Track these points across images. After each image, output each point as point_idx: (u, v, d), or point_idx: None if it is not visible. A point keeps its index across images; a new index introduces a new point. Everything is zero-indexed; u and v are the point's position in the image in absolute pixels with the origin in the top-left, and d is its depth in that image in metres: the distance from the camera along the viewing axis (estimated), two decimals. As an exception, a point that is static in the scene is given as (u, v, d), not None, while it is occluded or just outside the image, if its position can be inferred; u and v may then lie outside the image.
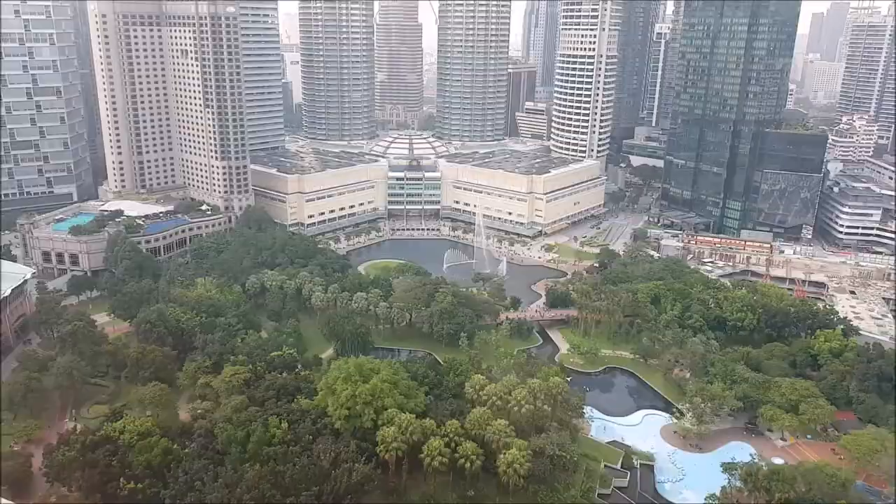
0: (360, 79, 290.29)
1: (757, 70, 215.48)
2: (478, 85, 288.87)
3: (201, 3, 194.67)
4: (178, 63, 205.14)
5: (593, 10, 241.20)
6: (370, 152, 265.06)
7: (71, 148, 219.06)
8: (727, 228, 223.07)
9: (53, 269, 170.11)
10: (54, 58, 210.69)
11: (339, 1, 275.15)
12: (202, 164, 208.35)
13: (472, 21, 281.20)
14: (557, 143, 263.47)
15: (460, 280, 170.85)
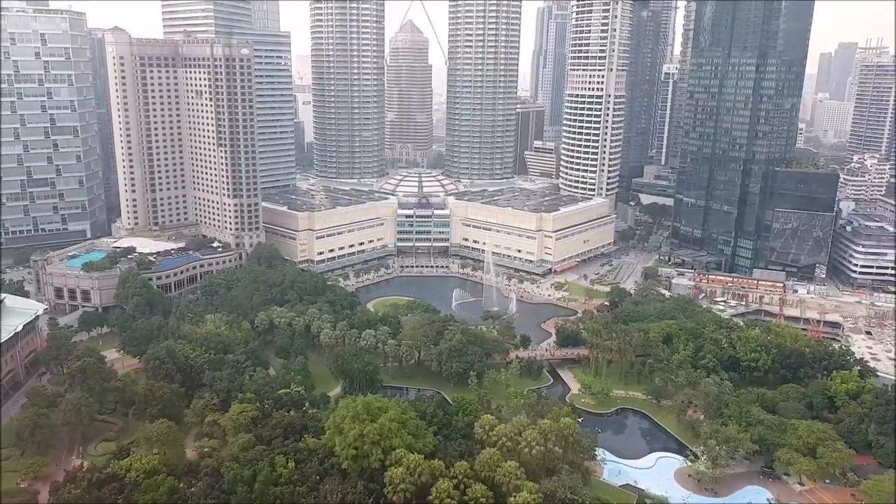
0: (371, 118, 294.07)
1: (766, 109, 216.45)
2: (487, 124, 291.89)
3: (217, 45, 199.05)
4: (192, 103, 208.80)
5: (601, 51, 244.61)
6: (380, 190, 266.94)
7: (86, 185, 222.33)
8: (739, 267, 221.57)
9: (65, 305, 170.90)
10: (72, 98, 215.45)
11: (350, 44, 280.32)
12: (214, 201, 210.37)
13: (480, 62, 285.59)
14: (566, 181, 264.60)
15: (469, 318, 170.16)
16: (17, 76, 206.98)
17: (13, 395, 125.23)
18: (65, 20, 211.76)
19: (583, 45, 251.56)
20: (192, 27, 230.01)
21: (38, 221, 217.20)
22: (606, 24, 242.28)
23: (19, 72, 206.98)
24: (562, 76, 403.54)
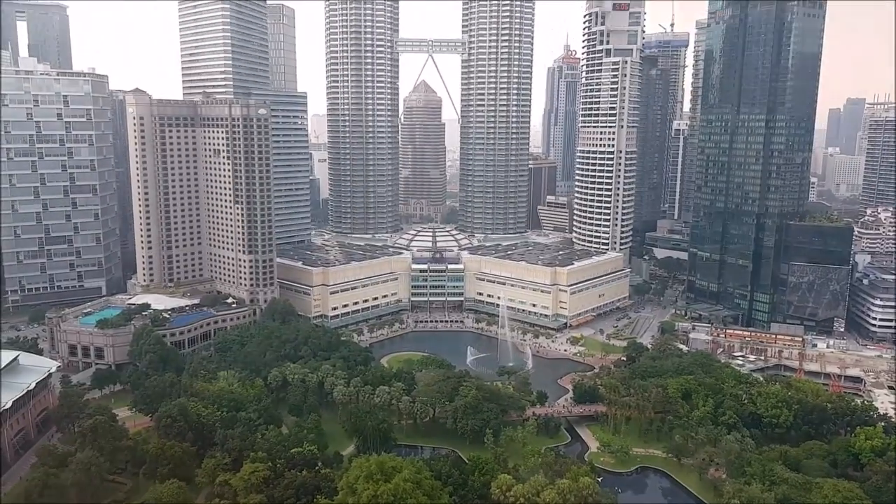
0: (385, 175, 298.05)
1: (777, 164, 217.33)
2: (500, 180, 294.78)
3: (235, 106, 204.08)
4: (210, 162, 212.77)
5: (611, 109, 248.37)
6: (394, 245, 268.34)
7: (103, 243, 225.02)
8: (756, 321, 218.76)
9: (79, 363, 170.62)
10: (92, 157, 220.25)
11: (365, 103, 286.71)
12: (229, 258, 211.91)
13: (493, 119, 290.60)
14: (580, 235, 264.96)
15: (485, 373, 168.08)
16: (39, 136, 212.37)
17: (23, 455, 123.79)
18: (87, 82, 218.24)
19: (593, 103, 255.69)
20: (211, 88, 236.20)
21: (55, 279, 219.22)
22: (616, 82, 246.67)
23: (41, 132, 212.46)
24: (573, 133, 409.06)
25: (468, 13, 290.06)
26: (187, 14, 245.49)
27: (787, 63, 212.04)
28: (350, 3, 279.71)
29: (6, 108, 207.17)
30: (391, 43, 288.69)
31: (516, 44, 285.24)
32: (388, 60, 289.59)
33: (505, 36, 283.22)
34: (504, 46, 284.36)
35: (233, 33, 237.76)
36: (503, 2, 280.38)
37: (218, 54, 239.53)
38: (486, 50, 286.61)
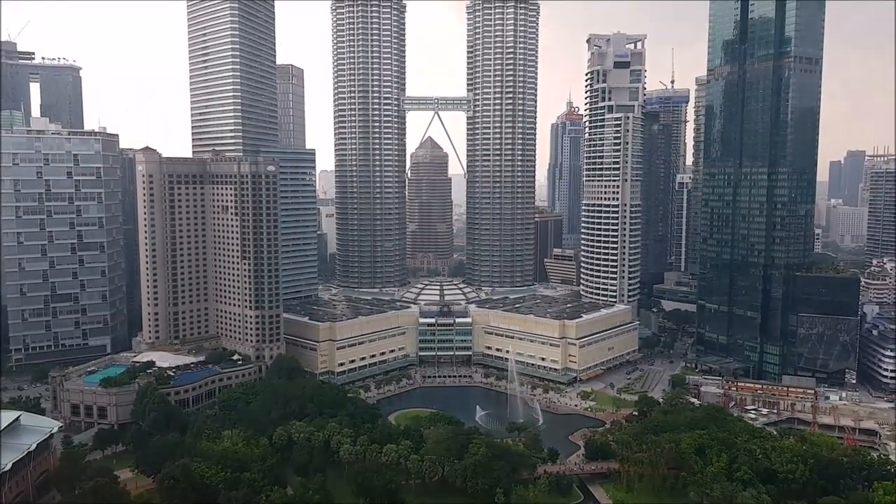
0: (392, 229, 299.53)
1: (781, 216, 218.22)
2: (506, 233, 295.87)
3: (244, 163, 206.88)
4: (218, 218, 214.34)
5: (615, 163, 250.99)
6: (402, 299, 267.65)
7: (109, 300, 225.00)
8: (767, 374, 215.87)
9: (81, 423, 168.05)
10: (101, 215, 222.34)
11: (373, 160, 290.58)
12: (236, 313, 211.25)
13: (498, 174, 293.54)
14: (587, 288, 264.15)
15: (494, 430, 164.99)
16: (49, 195, 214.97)
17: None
18: (98, 141, 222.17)
19: (597, 158, 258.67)
20: (220, 146, 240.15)
21: (60, 337, 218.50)
22: (619, 137, 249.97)
23: (51, 191, 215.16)
24: (578, 187, 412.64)
25: (473, 72, 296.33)
26: (198, 74, 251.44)
27: (787, 117, 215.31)
28: (358, 63, 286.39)
29: (17, 167, 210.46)
30: (398, 101, 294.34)
31: (520, 101, 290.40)
32: (395, 118, 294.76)
33: (509, 94, 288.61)
34: (508, 104, 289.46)
35: (242, 92, 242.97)
36: (507, 61, 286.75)
37: (228, 113, 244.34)
38: (491, 107, 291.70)
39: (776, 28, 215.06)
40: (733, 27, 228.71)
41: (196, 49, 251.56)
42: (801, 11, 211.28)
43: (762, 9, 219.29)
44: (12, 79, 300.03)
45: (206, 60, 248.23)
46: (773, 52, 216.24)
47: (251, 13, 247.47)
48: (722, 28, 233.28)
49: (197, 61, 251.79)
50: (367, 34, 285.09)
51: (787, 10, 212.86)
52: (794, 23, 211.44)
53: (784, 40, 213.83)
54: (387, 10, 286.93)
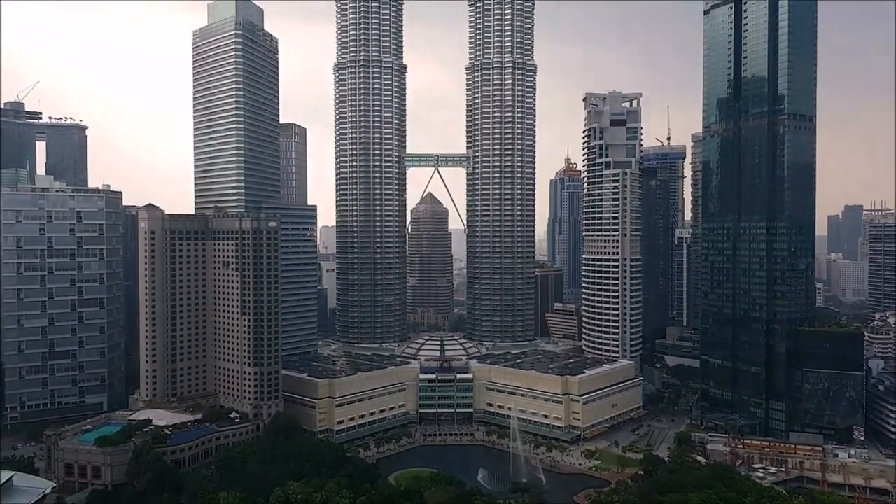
0: (393, 284, 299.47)
1: (781, 270, 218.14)
2: (507, 288, 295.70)
3: (246, 219, 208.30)
4: (219, 274, 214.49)
5: (614, 218, 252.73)
6: (402, 355, 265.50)
7: (107, 357, 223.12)
8: (774, 431, 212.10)
9: (75, 483, 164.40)
10: (102, 271, 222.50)
11: (374, 215, 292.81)
12: (234, 370, 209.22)
13: (498, 229, 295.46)
14: (589, 343, 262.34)
15: (497, 490, 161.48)
16: (51, 251, 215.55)
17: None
18: (101, 199, 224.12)
19: (596, 213, 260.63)
20: (223, 202, 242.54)
21: (56, 395, 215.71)
22: (617, 192, 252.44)
23: (53, 247, 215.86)
24: (577, 241, 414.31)
25: (472, 129, 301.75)
26: (203, 131, 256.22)
27: (783, 173, 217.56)
28: (360, 122, 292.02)
29: (20, 224, 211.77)
30: (398, 158, 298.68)
31: (519, 157, 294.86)
32: (396, 174, 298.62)
33: (508, 151, 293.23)
34: (507, 160, 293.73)
35: (246, 150, 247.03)
36: (506, 120, 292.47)
37: (231, 170, 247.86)
38: (490, 164, 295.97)
39: (769, 86, 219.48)
40: (727, 85, 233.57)
41: (201, 107, 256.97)
42: (793, 70, 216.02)
43: (755, 67, 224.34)
44: (19, 138, 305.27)
45: (211, 118, 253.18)
46: (768, 110, 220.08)
47: (256, 74, 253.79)
48: (716, 86, 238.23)
49: (201, 119, 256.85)
50: (369, 95, 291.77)
51: (779, 68, 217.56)
52: (786, 81, 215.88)
53: (777, 98, 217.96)
54: (388, 73, 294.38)
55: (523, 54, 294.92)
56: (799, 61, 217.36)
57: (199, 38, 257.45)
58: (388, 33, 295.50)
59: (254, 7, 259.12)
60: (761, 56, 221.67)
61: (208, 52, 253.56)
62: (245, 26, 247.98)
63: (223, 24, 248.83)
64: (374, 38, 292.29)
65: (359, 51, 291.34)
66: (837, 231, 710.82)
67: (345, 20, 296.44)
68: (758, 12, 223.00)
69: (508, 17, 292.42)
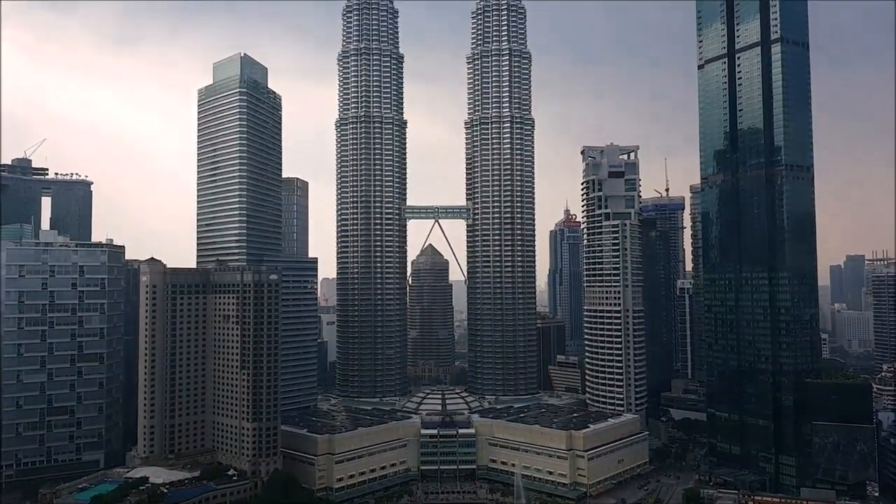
0: (394, 336, 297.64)
1: (785, 321, 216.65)
2: (508, 340, 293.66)
3: (247, 272, 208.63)
4: (219, 328, 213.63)
5: (614, 269, 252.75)
6: (403, 409, 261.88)
7: (105, 413, 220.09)
8: (784, 486, 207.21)
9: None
10: (102, 325, 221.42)
11: (374, 268, 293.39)
12: (232, 426, 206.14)
13: (499, 280, 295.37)
14: (593, 396, 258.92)
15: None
16: (52, 306, 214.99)
17: None
18: (104, 253, 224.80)
19: (596, 264, 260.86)
20: (224, 255, 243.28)
21: (53, 452, 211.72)
22: (617, 243, 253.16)
23: (54, 302, 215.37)
24: (579, 292, 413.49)
25: (472, 182, 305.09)
26: (206, 186, 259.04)
27: (783, 223, 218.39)
28: (361, 176, 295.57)
29: (23, 279, 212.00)
30: (399, 210, 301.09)
31: (518, 209, 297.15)
32: (396, 226, 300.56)
33: (507, 202, 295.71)
34: (507, 212, 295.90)
35: (248, 204, 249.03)
36: (504, 173, 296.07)
37: (233, 224, 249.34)
38: (490, 216, 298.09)
39: (765, 138, 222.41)
40: (723, 137, 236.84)
41: (205, 162, 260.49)
42: (788, 121, 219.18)
43: (750, 119, 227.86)
44: (25, 193, 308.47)
45: (215, 173, 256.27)
46: (765, 161, 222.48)
47: (259, 130, 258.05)
48: (712, 138, 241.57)
49: (205, 174, 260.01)
50: (370, 149, 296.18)
51: (774, 120, 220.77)
52: (782, 132, 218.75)
53: (774, 149, 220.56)
54: (388, 128, 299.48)
55: (521, 109, 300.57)
56: (794, 113, 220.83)
57: (204, 95, 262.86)
58: (389, 90, 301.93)
59: (258, 66, 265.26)
60: (756, 108, 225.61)
61: (213, 109, 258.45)
62: (249, 84, 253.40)
63: (228, 82, 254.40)
64: (375, 94, 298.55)
65: (360, 107, 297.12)
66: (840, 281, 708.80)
67: (346, 78, 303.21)
68: (751, 65, 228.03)
69: (506, 74, 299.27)
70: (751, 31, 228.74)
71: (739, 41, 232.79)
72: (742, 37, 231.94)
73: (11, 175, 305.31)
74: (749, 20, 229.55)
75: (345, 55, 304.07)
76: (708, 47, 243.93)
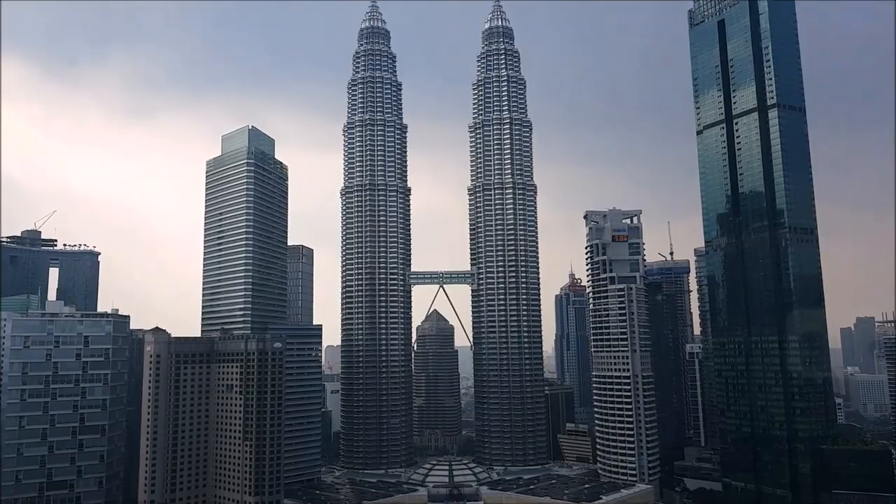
0: (399, 405, 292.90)
1: (798, 385, 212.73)
2: (516, 407, 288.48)
3: (251, 341, 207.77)
4: (222, 397, 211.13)
5: (622, 334, 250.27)
6: (409, 481, 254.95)
7: (105, 487, 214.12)
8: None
9: None
10: (105, 397, 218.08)
11: (379, 334, 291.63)
12: (234, 500, 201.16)
13: (505, 347, 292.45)
14: (605, 466, 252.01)
15: None
16: (56, 377, 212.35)
17: None
18: (109, 323, 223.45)
19: (603, 328, 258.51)
20: (229, 324, 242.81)
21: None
22: (623, 307, 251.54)
23: (58, 373, 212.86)
24: (586, 358, 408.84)
25: (476, 247, 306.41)
26: (212, 255, 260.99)
27: (790, 286, 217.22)
28: (365, 243, 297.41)
29: (27, 350, 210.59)
30: (403, 276, 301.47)
31: (523, 274, 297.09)
32: (401, 292, 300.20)
33: (512, 267, 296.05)
34: (512, 277, 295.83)
35: (254, 273, 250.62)
36: (508, 238, 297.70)
37: (238, 292, 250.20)
38: (495, 281, 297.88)
39: (767, 201, 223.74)
40: (725, 201, 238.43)
41: (211, 232, 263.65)
42: (789, 184, 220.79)
43: (752, 183, 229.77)
44: (33, 265, 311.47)
45: (221, 242, 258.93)
46: (768, 224, 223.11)
47: (265, 200, 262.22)
48: (714, 201, 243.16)
49: (212, 243, 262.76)
50: (375, 216, 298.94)
51: (775, 183, 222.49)
52: (784, 195, 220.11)
53: (776, 212, 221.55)
54: (393, 195, 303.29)
55: (523, 175, 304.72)
56: (794, 175, 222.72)
57: (212, 166, 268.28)
58: (393, 159, 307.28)
59: (266, 137, 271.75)
60: (756, 172, 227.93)
61: (221, 179, 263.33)
62: (256, 155, 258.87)
63: (236, 153, 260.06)
64: (380, 163, 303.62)
65: (365, 175, 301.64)
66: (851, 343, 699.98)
67: (352, 147, 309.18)
68: (749, 131, 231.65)
69: (507, 141, 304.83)
70: (747, 96, 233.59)
71: (736, 107, 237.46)
72: (739, 103, 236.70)
73: (20, 247, 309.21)
74: (745, 86, 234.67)
75: (350, 126, 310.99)
76: (705, 113, 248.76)
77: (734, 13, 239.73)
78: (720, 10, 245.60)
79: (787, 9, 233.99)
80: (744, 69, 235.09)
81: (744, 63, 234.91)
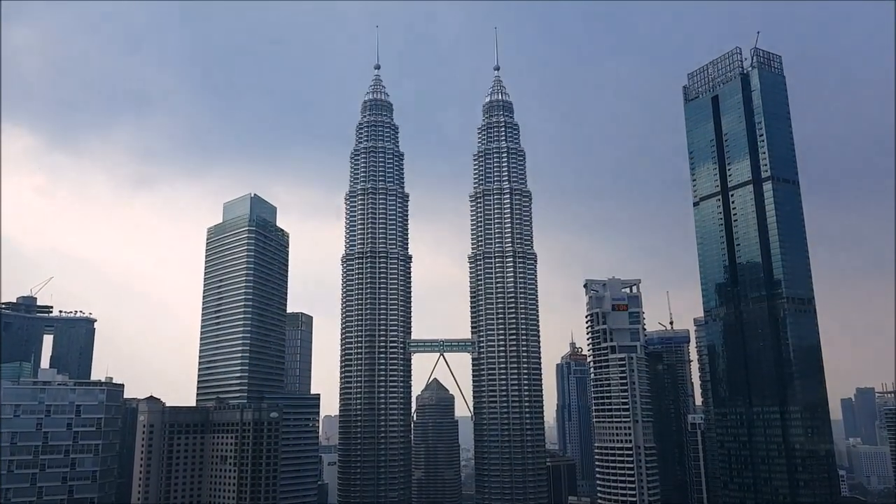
0: (397, 478, 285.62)
1: (801, 457, 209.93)
2: (518, 480, 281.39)
3: (247, 410, 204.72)
4: (216, 469, 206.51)
5: (623, 403, 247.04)
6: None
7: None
8: None
9: None
10: (95, 468, 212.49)
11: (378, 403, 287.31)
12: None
13: (506, 417, 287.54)
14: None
15: None
16: (45, 447, 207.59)
17: None
18: (102, 392, 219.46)
19: (605, 398, 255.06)
20: (225, 393, 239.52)
21: None
22: (625, 377, 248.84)
23: (48, 443, 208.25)
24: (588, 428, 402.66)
25: (476, 316, 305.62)
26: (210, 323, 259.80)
27: (789, 356, 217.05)
28: (365, 310, 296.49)
29: (17, 419, 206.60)
30: (403, 344, 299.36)
31: (524, 343, 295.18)
32: (401, 360, 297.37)
33: (513, 336, 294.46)
34: (513, 346, 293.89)
35: (252, 341, 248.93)
36: (509, 306, 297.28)
37: (235, 361, 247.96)
38: (496, 349, 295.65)
39: (764, 272, 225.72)
40: (723, 271, 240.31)
41: (210, 299, 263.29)
42: (786, 254, 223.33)
43: (749, 254, 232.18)
44: (27, 331, 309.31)
45: (220, 310, 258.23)
46: (766, 294, 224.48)
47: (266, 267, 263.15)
48: (712, 272, 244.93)
49: (210, 311, 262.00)
50: (375, 284, 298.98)
51: (772, 254, 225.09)
52: (780, 266, 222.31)
53: (774, 282, 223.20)
54: (394, 263, 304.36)
55: (523, 244, 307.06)
56: (790, 246, 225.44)
57: (213, 233, 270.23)
58: (395, 227, 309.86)
59: (267, 205, 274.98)
60: (753, 243, 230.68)
61: (222, 246, 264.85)
62: (258, 223, 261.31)
63: (237, 220, 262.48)
64: (381, 231, 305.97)
65: (366, 243, 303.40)
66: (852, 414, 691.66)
67: (353, 215, 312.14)
68: (745, 202, 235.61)
69: (507, 210, 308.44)
70: (742, 169, 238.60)
71: (731, 179, 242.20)
72: (734, 175, 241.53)
73: (15, 313, 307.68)
74: (740, 160, 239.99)
75: (352, 194, 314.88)
76: (702, 185, 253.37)
77: (727, 90, 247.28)
78: (713, 87, 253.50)
79: (778, 84, 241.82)
80: (738, 143, 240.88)
81: (738, 137, 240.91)
